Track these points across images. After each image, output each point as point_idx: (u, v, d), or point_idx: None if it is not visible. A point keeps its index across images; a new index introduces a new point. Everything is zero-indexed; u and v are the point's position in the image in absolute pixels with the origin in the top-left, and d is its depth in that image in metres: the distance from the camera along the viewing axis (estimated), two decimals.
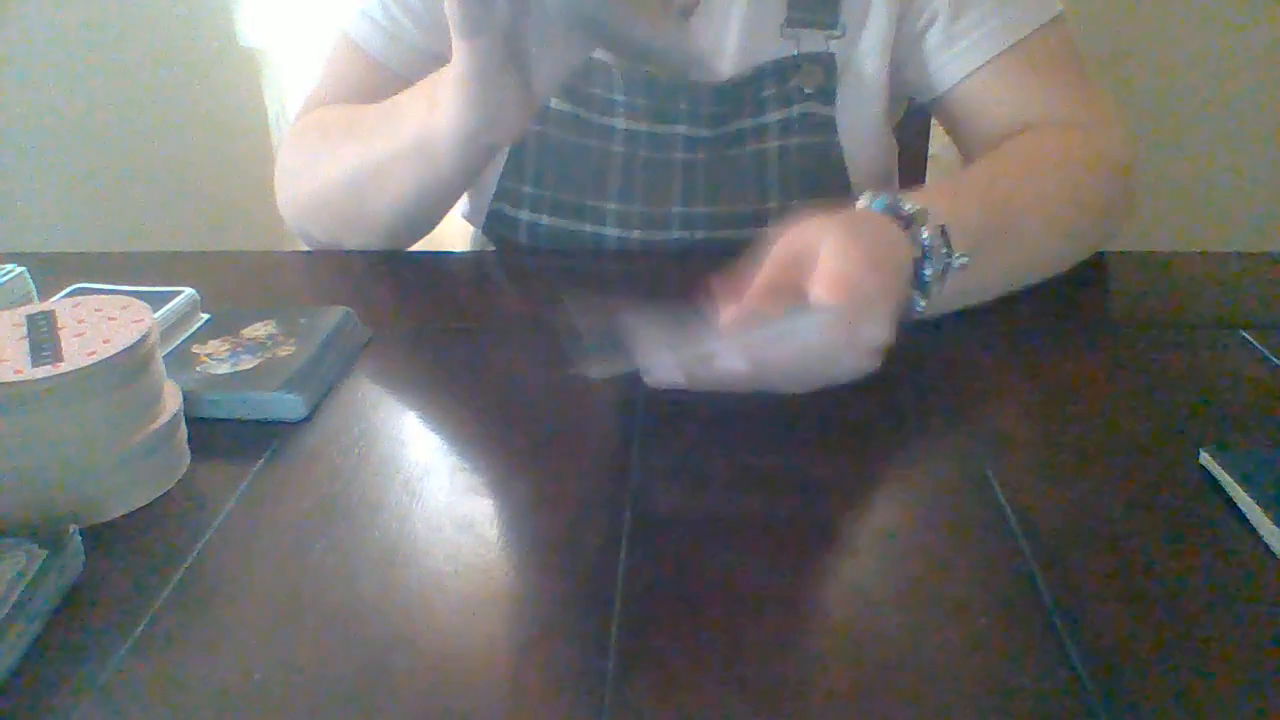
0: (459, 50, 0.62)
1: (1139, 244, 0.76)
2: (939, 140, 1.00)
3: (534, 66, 0.64)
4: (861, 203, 0.60)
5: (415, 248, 0.81)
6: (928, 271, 0.58)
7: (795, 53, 0.79)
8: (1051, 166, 0.71)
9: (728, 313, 0.53)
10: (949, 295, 0.60)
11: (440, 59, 0.77)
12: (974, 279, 0.61)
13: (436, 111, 0.67)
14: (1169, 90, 1.56)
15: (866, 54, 0.80)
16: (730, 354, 0.52)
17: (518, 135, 0.70)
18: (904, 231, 0.57)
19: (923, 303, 0.59)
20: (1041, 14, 0.76)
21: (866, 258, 0.54)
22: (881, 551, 0.46)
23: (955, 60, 0.77)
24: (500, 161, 0.84)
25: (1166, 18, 1.53)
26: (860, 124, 0.82)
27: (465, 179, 0.74)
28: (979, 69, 0.77)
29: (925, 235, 0.58)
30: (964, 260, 0.59)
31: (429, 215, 0.78)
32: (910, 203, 0.59)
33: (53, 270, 0.71)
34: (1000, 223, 0.64)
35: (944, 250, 0.58)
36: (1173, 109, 1.56)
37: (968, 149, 0.82)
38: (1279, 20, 1.51)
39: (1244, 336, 0.64)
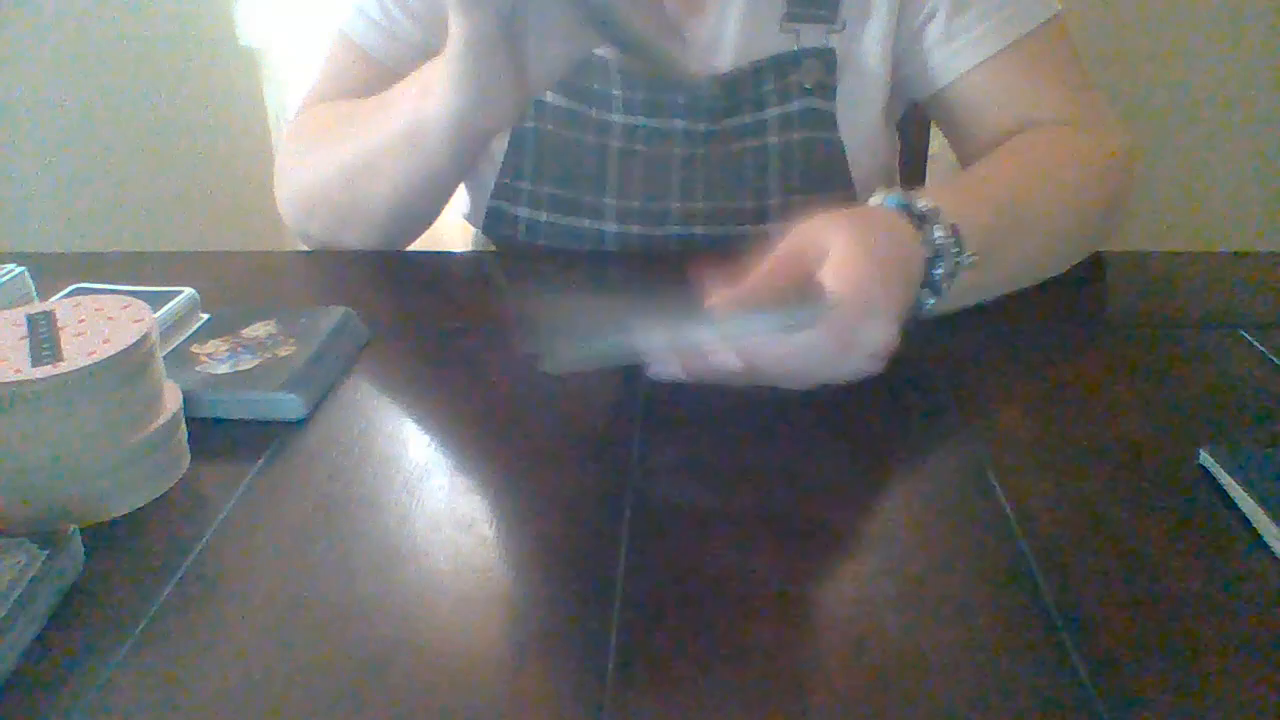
0: (454, 25, 0.62)
1: (1139, 244, 0.76)
2: (939, 140, 1.00)
3: (533, 56, 0.64)
4: (874, 200, 0.60)
5: (415, 247, 0.81)
6: (939, 271, 0.58)
7: (795, 48, 0.79)
8: (1056, 165, 0.71)
9: (722, 300, 0.53)
10: (957, 293, 0.60)
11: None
12: (983, 277, 0.61)
13: (429, 95, 0.67)
14: (1169, 90, 1.55)
15: (868, 49, 0.80)
16: (724, 349, 0.52)
17: (510, 122, 0.70)
18: (916, 231, 0.57)
19: (932, 301, 0.59)
20: (1041, 13, 0.76)
21: (875, 258, 0.54)
22: (881, 551, 0.46)
23: (953, 57, 0.77)
24: (498, 159, 0.84)
25: (1166, 18, 1.53)
26: (861, 120, 0.82)
27: (458, 168, 0.74)
28: (977, 66, 0.76)
29: (938, 235, 0.58)
30: (974, 259, 0.59)
31: (425, 208, 0.78)
32: (923, 201, 0.59)
33: (53, 270, 0.71)
34: (1009, 221, 0.64)
35: (955, 249, 0.58)
36: (1173, 109, 1.56)
37: (963, 148, 0.82)
38: (1279, 20, 1.51)
39: (1244, 336, 0.64)
